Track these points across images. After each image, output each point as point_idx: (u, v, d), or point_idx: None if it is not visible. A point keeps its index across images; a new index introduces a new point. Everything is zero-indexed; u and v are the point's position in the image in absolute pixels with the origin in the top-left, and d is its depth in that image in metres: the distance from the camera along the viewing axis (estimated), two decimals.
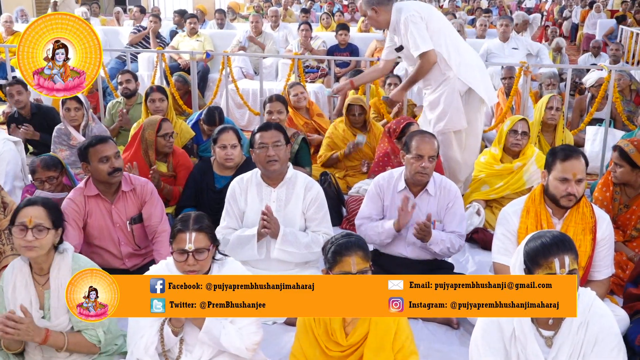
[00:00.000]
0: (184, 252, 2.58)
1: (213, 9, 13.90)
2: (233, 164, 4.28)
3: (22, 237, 2.61)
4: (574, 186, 3.07)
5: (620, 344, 2.36)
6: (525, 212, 3.23)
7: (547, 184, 3.17)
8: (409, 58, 4.72)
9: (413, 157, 3.50)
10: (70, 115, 5.18)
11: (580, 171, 3.09)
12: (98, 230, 3.57)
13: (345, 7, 15.86)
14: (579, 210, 3.17)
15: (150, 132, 4.57)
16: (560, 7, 18.92)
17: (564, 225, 3.16)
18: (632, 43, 10.26)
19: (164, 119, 4.70)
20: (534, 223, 3.18)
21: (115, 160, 3.51)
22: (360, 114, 5.55)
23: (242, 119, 7.78)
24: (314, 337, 2.64)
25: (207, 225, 2.66)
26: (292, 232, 3.50)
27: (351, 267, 2.49)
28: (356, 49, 8.63)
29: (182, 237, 2.59)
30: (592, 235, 3.15)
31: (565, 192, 3.08)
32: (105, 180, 3.53)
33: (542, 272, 2.29)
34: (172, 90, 6.91)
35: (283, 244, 3.46)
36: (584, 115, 6.65)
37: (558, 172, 3.10)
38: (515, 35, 8.31)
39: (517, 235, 3.21)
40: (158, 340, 2.58)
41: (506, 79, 6.74)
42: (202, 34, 8.99)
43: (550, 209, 3.21)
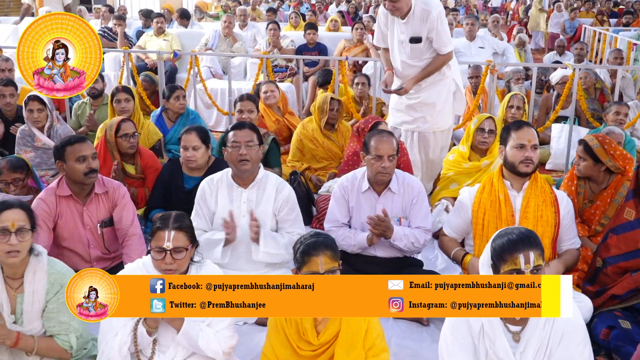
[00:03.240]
0: (162, 251, 2.55)
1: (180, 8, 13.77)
2: (195, 165, 4.25)
3: (6, 242, 2.52)
4: (530, 151, 3.23)
5: (585, 338, 2.41)
6: (481, 188, 3.38)
7: (505, 156, 3.31)
8: (415, 51, 4.70)
9: (373, 158, 3.51)
10: (33, 117, 5.07)
11: (534, 138, 3.28)
12: (68, 232, 3.52)
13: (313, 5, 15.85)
14: (537, 184, 3.30)
15: (110, 134, 4.54)
16: (526, 6, 19.19)
17: (525, 197, 3.27)
18: (595, 42, 10.45)
19: (123, 119, 4.66)
20: (488, 198, 3.32)
21: (92, 161, 3.47)
22: (337, 109, 5.57)
23: (211, 119, 7.73)
24: (285, 336, 2.64)
25: (188, 225, 2.64)
26: (270, 233, 3.50)
27: (319, 267, 2.50)
28: (325, 48, 8.64)
29: (161, 235, 2.56)
30: (555, 208, 3.27)
31: (523, 157, 3.23)
32: (80, 181, 3.48)
33: (508, 267, 2.33)
34: (140, 90, 6.84)
35: (266, 246, 3.45)
36: (550, 113, 6.76)
37: (514, 140, 3.27)
38: (481, 34, 8.40)
39: (471, 210, 3.36)
40: (131, 340, 2.55)
41: (473, 78, 6.81)
42: (170, 34, 8.91)
43: (509, 181, 3.32)
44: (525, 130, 3.28)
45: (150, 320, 2.54)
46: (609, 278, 3.25)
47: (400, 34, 4.69)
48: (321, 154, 5.59)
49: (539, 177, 3.32)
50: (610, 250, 3.24)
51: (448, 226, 3.54)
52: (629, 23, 12.76)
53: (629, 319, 3.13)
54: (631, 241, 3.17)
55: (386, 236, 3.46)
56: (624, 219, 3.21)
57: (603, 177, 3.96)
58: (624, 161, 3.89)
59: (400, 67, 4.83)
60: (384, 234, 3.45)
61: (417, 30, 4.63)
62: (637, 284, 3.12)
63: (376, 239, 3.49)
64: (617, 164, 3.88)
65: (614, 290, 3.20)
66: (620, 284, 3.19)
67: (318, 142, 5.57)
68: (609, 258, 3.24)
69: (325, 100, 5.56)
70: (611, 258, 3.23)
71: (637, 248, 3.16)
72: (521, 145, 3.24)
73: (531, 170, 3.25)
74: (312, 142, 5.59)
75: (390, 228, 3.44)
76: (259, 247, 3.46)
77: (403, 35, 4.69)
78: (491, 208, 3.29)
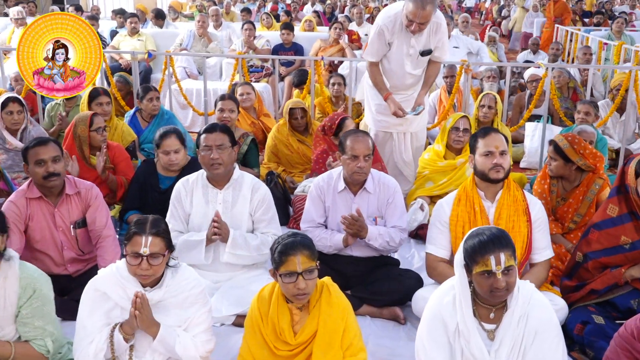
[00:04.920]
0: (138, 256, 2.53)
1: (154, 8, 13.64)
2: (177, 167, 4.25)
3: None
4: (498, 157, 3.21)
5: (559, 334, 2.44)
6: (457, 200, 3.33)
7: (475, 164, 3.30)
8: (421, 61, 4.74)
9: (349, 158, 3.51)
10: (13, 119, 4.98)
11: (502, 144, 3.25)
12: (40, 234, 3.47)
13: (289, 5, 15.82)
14: (510, 192, 3.28)
15: (82, 128, 4.50)
16: (499, 6, 19.38)
17: (497, 208, 3.26)
18: (568, 42, 10.59)
19: (94, 113, 4.63)
20: (464, 210, 3.28)
21: (51, 165, 3.37)
22: (302, 117, 5.55)
23: (186, 120, 7.68)
24: (262, 337, 2.63)
25: (164, 230, 2.61)
26: (241, 235, 3.48)
27: (297, 267, 2.50)
28: (301, 48, 8.64)
29: (137, 240, 2.53)
30: (527, 217, 3.26)
31: (492, 164, 3.21)
32: (40, 184, 3.42)
33: (479, 269, 2.34)
34: (114, 91, 6.77)
35: (233, 247, 3.44)
36: (524, 111, 6.84)
37: (482, 148, 3.25)
38: (456, 34, 8.47)
39: (449, 224, 3.31)
40: (107, 347, 2.53)
41: (448, 77, 6.86)
42: (144, 34, 8.83)
43: (483, 192, 3.30)
44: (492, 136, 3.26)
45: (127, 326, 2.53)
46: (589, 273, 3.28)
47: (410, 48, 4.65)
48: (296, 159, 5.58)
49: (512, 185, 3.30)
50: (592, 245, 3.26)
51: (432, 244, 3.37)
52: (599, 23, 12.94)
53: (602, 314, 3.16)
54: (613, 237, 3.20)
55: (361, 236, 3.46)
56: (606, 215, 3.24)
57: (575, 176, 4.01)
58: (594, 159, 3.95)
59: (402, 79, 4.78)
60: (359, 233, 3.45)
61: (427, 43, 4.66)
62: (616, 279, 3.16)
63: (351, 239, 3.50)
64: (587, 162, 3.93)
65: (593, 285, 3.24)
66: (600, 279, 3.22)
67: (292, 148, 5.56)
68: (590, 253, 3.27)
69: (286, 110, 5.55)
70: (592, 253, 3.26)
71: (618, 244, 3.19)
72: (489, 152, 3.22)
73: (502, 176, 3.24)
74: (287, 147, 5.57)
75: (365, 228, 3.44)
76: (226, 247, 3.45)
77: (413, 50, 4.66)
78: (468, 221, 3.26)
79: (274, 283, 2.67)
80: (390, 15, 4.58)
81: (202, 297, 2.71)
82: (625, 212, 3.18)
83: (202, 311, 2.70)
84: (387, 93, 4.69)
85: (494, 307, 2.46)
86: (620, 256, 3.19)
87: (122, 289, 2.60)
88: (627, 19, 12.50)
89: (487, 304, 2.45)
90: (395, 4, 4.71)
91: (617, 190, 3.24)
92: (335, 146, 4.59)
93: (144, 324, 2.53)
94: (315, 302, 2.63)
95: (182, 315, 2.66)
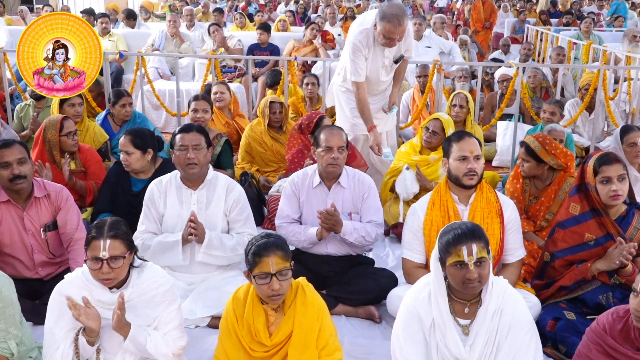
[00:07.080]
0: (98, 260, 2.50)
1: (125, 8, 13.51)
2: (129, 169, 4.19)
3: None
4: (473, 162, 3.20)
5: (533, 329, 2.47)
6: (430, 204, 3.32)
7: (449, 169, 3.28)
8: (393, 67, 4.90)
9: (323, 150, 3.56)
10: None
11: (476, 148, 3.23)
12: (9, 238, 3.41)
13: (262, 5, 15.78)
14: (483, 195, 3.29)
15: (52, 133, 4.44)
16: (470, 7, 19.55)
17: (471, 211, 3.26)
18: (537, 41, 10.72)
19: (65, 117, 4.57)
20: (439, 214, 3.27)
21: (16, 167, 3.31)
22: (280, 112, 5.56)
23: (160, 121, 7.63)
24: (237, 338, 2.63)
25: (124, 232, 2.58)
26: (217, 235, 3.47)
27: (270, 267, 2.49)
28: (277, 49, 8.64)
29: (96, 244, 2.51)
30: (500, 219, 3.27)
31: (467, 169, 3.20)
32: (7, 187, 3.37)
33: (452, 260, 2.37)
34: (85, 92, 6.68)
35: (208, 248, 3.43)
36: (495, 110, 6.91)
37: (456, 152, 3.23)
38: (427, 33, 8.52)
39: (423, 228, 3.30)
40: (73, 352, 2.50)
41: (421, 77, 6.91)
42: (115, 34, 8.74)
43: (456, 195, 3.30)
44: (466, 140, 3.24)
45: (89, 329, 2.50)
46: (557, 271, 3.33)
47: (385, 59, 4.77)
48: (270, 157, 5.57)
49: (484, 187, 3.31)
50: (558, 244, 3.32)
51: (407, 249, 3.35)
52: (569, 23, 13.13)
53: (573, 310, 3.21)
54: (577, 235, 3.25)
55: (335, 230, 3.48)
56: (569, 214, 3.29)
57: (547, 175, 4.07)
58: (565, 158, 4.01)
59: (376, 86, 4.89)
60: (334, 228, 3.46)
61: (399, 50, 4.79)
62: (583, 274, 3.21)
63: (326, 233, 3.50)
64: (559, 162, 3.99)
65: (561, 282, 3.29)
66: (567, 275, 3.27)
67: (267, 146, 5.55)
68: (556, 252, 3.32)
69: (265, 104, 5.55)
70: (559, 252, 3.31)
71: (582, 242, 3.24)
72: (463, 157, 3.21)
73: (475, 182, 3.23)
74: (260, 145, 5.56)
75: (340, 222, 3.46)
76: (201, 248, 3.43)
77: (387, 60, 4.79)
78: (442, 225, 3.21)
79: (249, 284, 2.66)
80: (362, 32, 4.67)
81: (169, 294, 2.69)
82: (587, 209, 3.25)
83: (171, 309, 2.68)
84: (372, 125, 4.75)
85: (468, 302, 2.48)
86: (586, 253, 3.24)
87: (88, 292, 2.57)
88: (595, 19, 12.71)
89: (462, 298, 2.48)
90: (359, 21, 4.86)
91: (577, 188, 3.30)
92: (311, 144, 4.60)
93: (119, 324, 2.51)
94: (291, 303, 2.63)
95: (150, 315, 2.64)
